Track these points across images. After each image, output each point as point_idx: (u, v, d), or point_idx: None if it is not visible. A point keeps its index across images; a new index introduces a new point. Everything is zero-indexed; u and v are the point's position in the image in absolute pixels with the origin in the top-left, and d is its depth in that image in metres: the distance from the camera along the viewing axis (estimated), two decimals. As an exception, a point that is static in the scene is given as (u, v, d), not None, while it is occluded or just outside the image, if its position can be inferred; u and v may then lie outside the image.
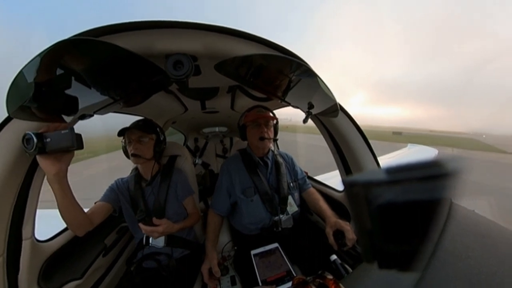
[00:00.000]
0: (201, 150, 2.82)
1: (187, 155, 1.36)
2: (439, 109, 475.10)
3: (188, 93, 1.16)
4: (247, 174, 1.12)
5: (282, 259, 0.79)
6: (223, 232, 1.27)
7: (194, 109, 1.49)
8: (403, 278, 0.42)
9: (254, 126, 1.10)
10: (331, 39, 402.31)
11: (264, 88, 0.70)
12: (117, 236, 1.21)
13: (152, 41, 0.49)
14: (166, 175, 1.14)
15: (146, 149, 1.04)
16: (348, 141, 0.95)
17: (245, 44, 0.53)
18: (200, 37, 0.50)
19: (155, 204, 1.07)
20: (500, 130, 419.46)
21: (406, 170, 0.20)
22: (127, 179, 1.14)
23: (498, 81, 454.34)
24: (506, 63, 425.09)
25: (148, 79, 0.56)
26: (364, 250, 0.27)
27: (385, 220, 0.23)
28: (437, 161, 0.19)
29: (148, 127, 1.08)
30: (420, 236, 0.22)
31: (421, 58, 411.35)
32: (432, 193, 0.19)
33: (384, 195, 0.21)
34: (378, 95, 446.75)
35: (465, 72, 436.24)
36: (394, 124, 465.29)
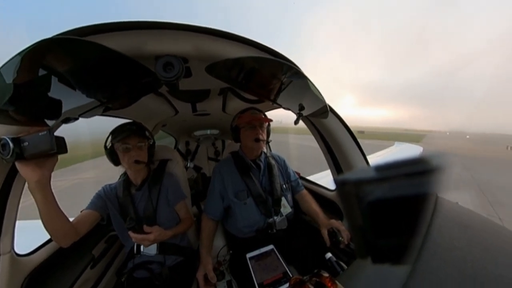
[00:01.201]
0: (193, 154, 2.77)
1: (178, 159, 1.33)
2: (418, 110, 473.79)
3: (179, 95, 1.14)
4: (240, 177, 1.11)
5: (278, 261, 0.79)
6: (217, 237, 1.25)
7: (185, 111, 1.46)
8: (396, 271, 0.43)
9: (249, 128, 1.09)
10: (318, 46, 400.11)
11: (255, 90, 0.70)
12: (105, 245, 1.16)
13: (141, 42, 0.48)
14: (156, 180, 1.11)
15: (144, 154, 1.02)
16: (338, 141, 0.98)
17: (237, 46, 0.53)
18: (191, 38, 0.50)
19: (145, 211, 1.03)
20: (475, 128, 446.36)
21: (393, 168, 0.21)
22: (115, 185, 1.10)
23: (468, 86, 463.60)
24: (475, 70, 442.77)
25: (137, 81, 0.55)
26: (357, 247, 0.28)
27: (376, 216, 0.23)
28: (422, 158, 0.20)
29: (143, 132, 1.06)
30: (409, 230, 0.23)
31: (399, 64, 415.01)
32: (419, 188, 0.20)
33: (374, 192, 0.22)
34: (362, 97, 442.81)
35: (437, 77, 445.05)
36: (374, 125, 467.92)
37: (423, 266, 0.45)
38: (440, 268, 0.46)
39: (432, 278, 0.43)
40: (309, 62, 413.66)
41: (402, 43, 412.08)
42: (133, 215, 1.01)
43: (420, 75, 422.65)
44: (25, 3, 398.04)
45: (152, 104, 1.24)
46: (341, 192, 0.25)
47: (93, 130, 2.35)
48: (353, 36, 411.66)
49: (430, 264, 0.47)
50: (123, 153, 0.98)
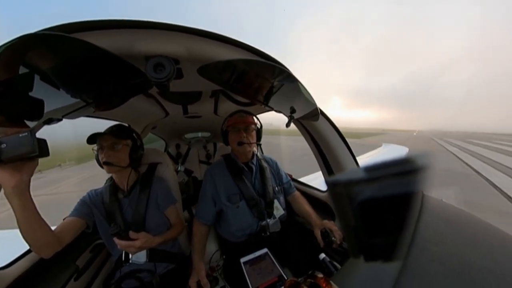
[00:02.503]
0: (184, 157, 2.70)
1: (169, 162, 1.30)
2: (399, 112, 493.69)
3: (169, 97, 1.12)
4: (232, 180, 1.10)
5: (273, 264, 0.79)
6: (210, 242, 1.22)
7: (176, 113, 1.43)
8: (388, 268, 0.45)
9: (234, 131, 1.09)
10: (306, 52, 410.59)
11: (247, 93, 0.71)
12: (91, 255, 1.10)
13: (131, 42, 0.46)
14: (145, 184, 1.07)
15: (120, 156, 0.96)
16: (329, 143, 1.00)
17: (229, 49, 0.53)
18: (183, 39, 0.49)
19: (133, 216, 0.99)
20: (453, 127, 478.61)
21: (382, 168, 0.22)
22: (101, 190, 1.04)
23: (443, 91, 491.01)
24: (451, 76, 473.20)
25: (125, 81, 0.53)
26: (350, 246, 0.28)
27: (367, 216, 0.24)
28: (408, 158, 0.21)
29: (123, 133, 1.00)
30: (399, 228, 0.24)
31: (380, 70, 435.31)
32: (406, 187, 0.21)
33: (364, 192, 0.22)
34: (348, 100, 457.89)
35: (415, 82, 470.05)
36: (359, 126, 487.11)
37: (412, 261, 0.47)
38: (428, 262, 0.48)
39: (422, 272, 0.45)
40: (298, 66, 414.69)
41: (382, 51, 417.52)
42: (120, 221, 0.96)
43: (398, 80, 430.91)
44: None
45: (142, 105, 1.20)
46: (333, 193, 0.26)
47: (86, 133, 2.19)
48: (338, 43, 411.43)
49: (419, 259, 0.48)
50: (98, 153, 0.95)
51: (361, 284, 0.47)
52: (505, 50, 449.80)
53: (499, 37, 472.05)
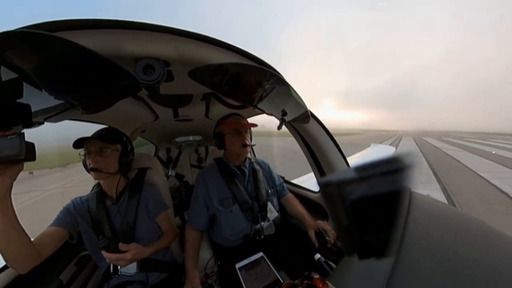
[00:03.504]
0: (174, 161, 2.64)
1: (159, 167, 1.26)
2: (384, 113, 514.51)
3: (159, 100, 1.10)
4: (225, 184, 1.09)
5: (269, 268, 0.78)
6: (203, 248, 1.20)
7: (166, 117, 1.40)
8: (381, 264, 0.46)
9: (235, 134, 1.08)
10: (296, 57, 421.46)
11: (239, 96, 0.71)
12: (76, 268, 1.04)
13: (120, 43, 0.45)
14: (134, 190, 1.03)
15: (109, 161, 0.92)
16: (320, 145, 1.02)
17: (220, 52, 0.53)
18: (174, 42, 0.48)
19: (122, 225, 0.95)
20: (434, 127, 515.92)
21: (371, 168, 0.22)
22: (87, 197, 0.99)
23: (421, 92, 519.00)
24: (426, 79, 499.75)
25: (113, 83, 0.51)
26: (344, 245, 0.29)
27: (359, 214, 0.25)
28: (396, 157, 0.22)
29: (112, 137, 0.95)
30: (389, 224, 0.25)
31: (367, 74, 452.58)
32: (395, 185, 0.22)
33: (356, 192, 0.23)
34: (336, 101, 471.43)
35: (399, 85, 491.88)
36: (345, 126, 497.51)
37: (404, 256, 0.49)
38: (418, 256, 0.50)
39: (413, 267, 0.47)
40: (289, 69, 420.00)
41: (368, 56, 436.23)
42: (108, 231, 0.92)
43: (383, 84, 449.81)
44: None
45: (130, 108, 1.17)
46: (325, 193, 0.26)
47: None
48: (327, 49, 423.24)
49: (410, 254, 0.50)
50: (86, 159, 0.90)
51: (357, 282, 0.48)
52: (479, 57, 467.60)
53: (474, 45, 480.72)
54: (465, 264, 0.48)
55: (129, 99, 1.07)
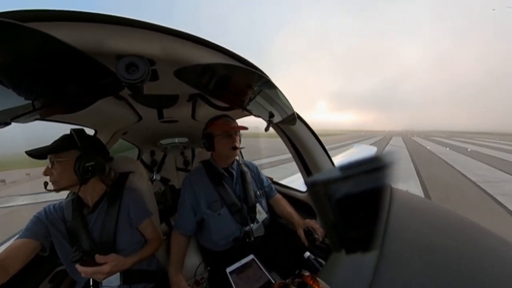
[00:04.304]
0: (159, 164, 2.53)
1: (142, 171, 1.20)
2: (371, 114, 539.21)
3: (143, 100, 1.04)
4: (212, 186, 1.07)
5: (260, 270, 0.78)
6: (192, 254, 1.17)
7: (150, 118, 1.33)
8: (367, 257, 0.49)
9: (225, 136, 1.07)
10: (287, 61, 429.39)
11: (226, 98, 0.70)
12: (51, 286, 0.96)
13: (101, 38, 0.42)
14: (114, 197, 0.95)
15: (59, 173, 0.81)
16: (306, 146, 1.05)
17: (208, 52, 0.52)
18: (160, 39, 0.46)
19: (101, 235, 0.88)
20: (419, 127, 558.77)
21: (355, 167, 0.24)
22: (61, 205, 0.91)
23: (412, 95, 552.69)
24: (410, 82, 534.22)
25: (93, 81, 0.48)
26: (332, 242, 0.30)
27: (345, 211, 0.26)
28: (377, 156, 0.23)
29: (61, 144, 0.83)
30: (373, 219, 0.26)
31: (356, 77, 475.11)
32: (377, 182, 0.24)
33: (341, 190, 0.24)
34: (323, 103, 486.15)
35: (387, 88, 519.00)
36: (331, 127, 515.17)
37: (387, 248, 0.53)
38: (400, 247, 0.54)
39: (396, 257, 0.51)
40: (280, 73, 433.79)
41: (357, 60, 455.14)
42: (85, 241, 0.84)
43: (370, 86, 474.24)
44: None
45: (111, 108, 1.10)
46: (312, 193, 0.27)
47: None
48: (315, 53, 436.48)
49: (392, 246, 0.54)
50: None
51: (345, 275, 0.51)
52: (464, 62, 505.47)
53: (460, 50, 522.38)
54: (441, 251, 0.53)
55: (110, 99, 1.00)
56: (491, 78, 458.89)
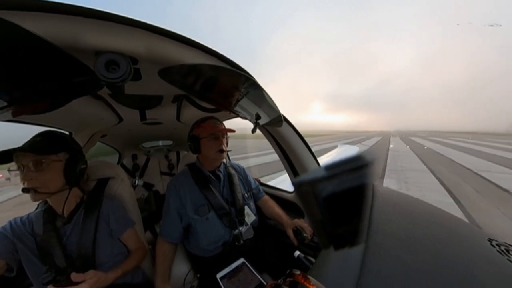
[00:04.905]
0: (142, 169, 2.38)
1: (123, 176, 1.12)
2: (367, 115, 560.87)
3: (124, 100, 0.98)
4: (199, 190, 1.05)
5: (251, 273, 0.78)
6: (180, 262, 1.12)
7: (131, 119, 1.26)
8: (354, 251, 0.52)
9: (212, 139, 1.05)
10: (278, 64, 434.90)
11: (212, 100, 0.69)
12: None
13: (79, 32, 0.38)
14: (92, 205, 0.88)
15: (48, 177, 0.74)
16: (293, 147, 1.07)
17: (194, 53, 0.50)
18: (144, 37, 0.43)
19: (78, 249, 0.80)
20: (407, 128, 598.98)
21: (339, 166, 0.25)
22: (30, 217, 0.82)
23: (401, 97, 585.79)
24: (401, 84, 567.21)
25: (68, 79, 0.44)
26: (320, 239, 0.31)
27: (331, 209, 0.27)
28: (359, 155, 0.25)
29: (51, 144, 0.77)
30: (358, 215, 0.28)
31: (347, 80, 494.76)
32: (360, 180, 0.25)
33: (327, 189, 0.25)
34: (321, 104, 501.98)
35: (378, 90, 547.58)
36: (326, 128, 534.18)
37: (372, 241, 0.56)
38: (383, 240, 0.58)
39: (380, 249, 0.54)
40: (274, 75, 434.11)
41: (348, 63, 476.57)
42: (60, 258, 0.76)
43: (361, 90, 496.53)
44: None
45: (88, 109, 1.02)
46: (300, 193, 0.28)
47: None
48: (310, 56, 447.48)
49: (376, 238, 0.58)
50: (20, 174, 0.72)
51: (335, 271, 0.52)
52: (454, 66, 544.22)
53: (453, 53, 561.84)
54: (419, 240, 0.57)
55: (87, 99, 0.94)
56: (473, 84, 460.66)
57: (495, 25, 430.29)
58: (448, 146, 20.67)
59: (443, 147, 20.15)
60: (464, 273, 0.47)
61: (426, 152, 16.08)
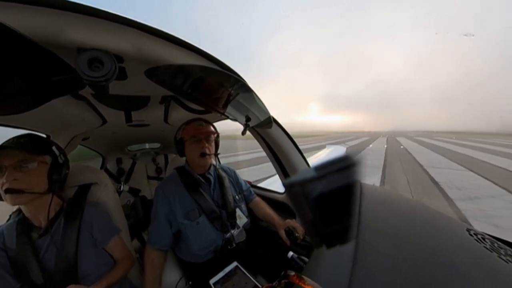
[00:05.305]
0: (127, 173, 2.26)
1: (107, 182, 1.06)
2: (361, 115, 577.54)
3: (108, 101, 0.94)
4: (188, 194, 1.02)
5: (246, 277, 0.77)
6: (171, 269, 1.08)
7: (116, 121, 1.20)
8: (346, 248, 0.54)
9: (194, 141, 1.02)
10: (275, 65, 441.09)
11: (201, 101, 0.68)
12: None
13: (60, 27, 0.36)
14: (73, 214, 0.82)
15: (34, 179, 0.71)
16: (282, 148, 1.08)
17: (182, 52, 0.49)
18: (130, 35, 0.41)
19: (58, 262, 0.74)
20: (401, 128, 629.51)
21: (328, 166, 0.26)
22: (1, 230, 0.76)
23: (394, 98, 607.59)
24: (395, 85, 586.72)
25: (47, 77, 0.41)
26: (312, 238, 0.32)
27: (321, 208, 0.28)
28: (346, 155, 0.26)
29: (37, 145, 0.74)
30: (348, 213, 0.29)
31: (341, 80, 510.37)
32: (348, 179, 0.26)
33: (317, 188, 0.26)
34: (316, 105, 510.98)
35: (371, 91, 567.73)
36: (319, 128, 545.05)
37: (362, 238, 0.59)
38: (372, 235, 0.60)
39: (369, 244, 0.57)
40: (268, 77, 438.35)
41: (343, 65, 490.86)
42: (36, 273, 0.70)
43: (356, 90, 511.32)
44: None
45: (69, 110, 0.96)
46: (290, 193, 0.28)
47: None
48: (306, 58, 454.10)
49: (365, 235, 0.60)
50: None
51: (328, 269, 0.54)
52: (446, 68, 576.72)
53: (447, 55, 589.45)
54: (405, 234, 0.61)
55: (68, 99, 0.89)
56: (465, 85, 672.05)
57: (468, 35, 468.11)
58: (424, 145, 22.89)
59: (419, 146, 22.19)
60: (446, 261, 0.51)
61: (398, 151, 17.67)
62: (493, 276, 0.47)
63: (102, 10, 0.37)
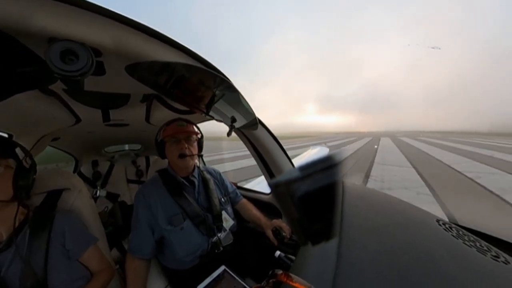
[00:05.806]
0: (104, 177, 2.09)
1: (81, 187, 0.98)
2: (357, 116, 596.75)
3: (83, 98, 0.86)
4: (171, 198, 0.97)
5: (234, 280, 0.76)
6: (155, 278, 1.03)
7: (92, 120, 1.11)
8: (330, 245, 0.57)
9: (173, 142, 0.98)
10: (273, 67, 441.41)
11: (185, 100, 0.66)
12: None
13: (29, 13, 0.32)
14: (41, 224, 0.75)
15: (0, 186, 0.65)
16: (268, 149, 1.09)
17: (166, 49, 0.46)
18: (110, 27, 0.38)
19: (24, 279, 0.66)
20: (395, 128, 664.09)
21: (311, 166, 0.27)
22: None
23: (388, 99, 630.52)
24: (387, 86, 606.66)
25: (10, 69, 0.37)
26: (299, 237, 0.32)
27: (306, 207, 0.29)
28: (329, 156, 0.27)
29: (1, 147, 0.69)
30: (331, 211, 0.30)
31: (337, 83, 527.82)
32: (331, 178, 0.27)
33: (301, 188, 0.27)
34: (312, 106, 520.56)
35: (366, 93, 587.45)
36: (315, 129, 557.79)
37: (345, 234, 0.62)
38: (354, 231, 0.64)
39: (352, 240, 0.61)
40: (268, 79, 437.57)
41: (339, 67, 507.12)
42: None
43: (352, 91, 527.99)
44: None
45: (36, 106, 0.87)
46: (276, 193, 0.29)
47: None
48: (302, 59, 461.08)
49: (348, 231, 0.64)
50: None
51: (314, 265, 0.56)
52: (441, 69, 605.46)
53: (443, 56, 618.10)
54: (384, 228, 0.65)
55: (35, 94, 0.81)
56: (456, 86, 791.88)
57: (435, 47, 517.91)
58: (397, 145, 25.12)
59: (393, 146, 24.26)
60: (421, 250, 0.56)
61: (368, 151, 19.20)
62: (459, 259, 0.53)
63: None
